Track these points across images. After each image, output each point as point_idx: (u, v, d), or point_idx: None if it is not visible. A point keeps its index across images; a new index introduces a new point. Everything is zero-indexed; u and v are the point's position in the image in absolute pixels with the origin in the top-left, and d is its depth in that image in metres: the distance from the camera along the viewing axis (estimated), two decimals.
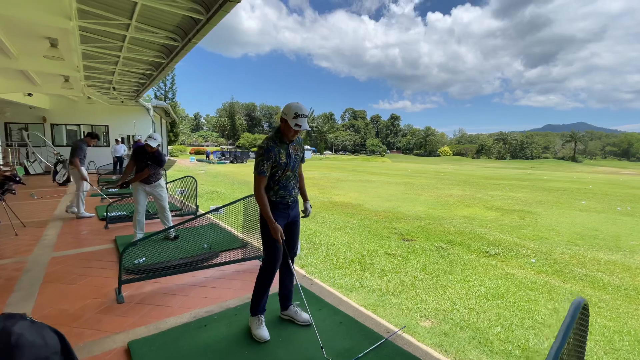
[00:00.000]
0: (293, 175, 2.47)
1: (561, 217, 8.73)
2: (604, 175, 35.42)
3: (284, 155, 2.37)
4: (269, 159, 2.30)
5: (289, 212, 2.49)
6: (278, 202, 2.42)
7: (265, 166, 2.30)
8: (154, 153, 4.59)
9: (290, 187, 2.46)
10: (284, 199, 2.43)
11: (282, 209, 2.44)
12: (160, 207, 4.84)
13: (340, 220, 7.56)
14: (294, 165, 2.45)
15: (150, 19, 6.34)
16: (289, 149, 2.41)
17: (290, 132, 2.32)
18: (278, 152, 2.34)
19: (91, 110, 16.26)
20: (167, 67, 8.85)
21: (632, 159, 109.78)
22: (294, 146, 2.47)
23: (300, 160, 2.55)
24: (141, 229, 4.71)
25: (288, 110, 2.28)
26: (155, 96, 46.79)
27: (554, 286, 4.30)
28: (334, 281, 3.72)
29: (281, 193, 2.42)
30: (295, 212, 2.57)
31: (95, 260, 4.13)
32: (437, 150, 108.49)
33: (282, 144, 2.38)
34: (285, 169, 2.38)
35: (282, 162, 2.35)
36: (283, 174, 2.39)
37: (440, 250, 5.54)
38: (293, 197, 2.50)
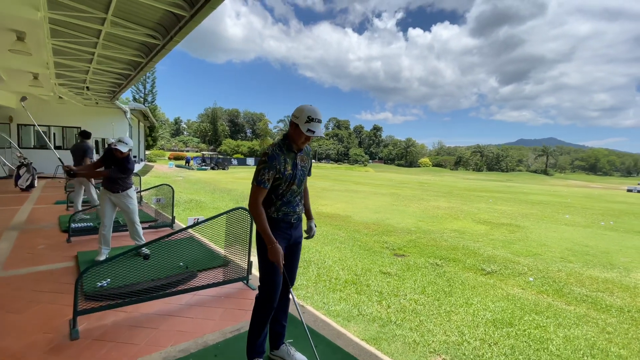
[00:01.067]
0: (298, 190, 2.14)
1: (549, 232, 8.68)
2: (578, 189, 36.84)
3: (290, 165, 2.04)
4: (272, 168, 1.96)
5: (292, 232, 2.15)
6: (280, 219, 2.08)
7: (267, 176, 1.97)
8: (123, 159, 4.06)
9: (294, 204, 2.13)
10: (287, 216, 2.10)
11: (285, 229, 2.11)
12: (129, 221, 4.27)
13: (329, 233, 7.17)
14: (301, 179, 2.12)
15: (128, 14, 5.84)
16: (296, 159, 2.08)
17: (301, 139, 2.01)
18: (284, 162, 2.01)
19: (63, 110, 15.27)
20: (146, 66, 8.29)
21: (599, 173, 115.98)
22: (302, 156, 2.14)
23: (307, 172, 2.22)
24: (106, 244, 4.15)
25: (300, 114, 1.97)
26: (133, 99, 45.29)
27: (558, 309, 4.07)
28: (329, 308, 3.31)
29: (284, 210, 2.08)
30: (299, 233, 2.22)
31: (51, 281, 3.54)
32: (417, 161, 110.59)
33: (290, 153, 2.06)
34: (290, 182, 2.05)
35: (287, 174, 2.02)
36: (288, 188, 2.06)
37: (436, 267, 5.25)
38: (297, 214, 2.17)
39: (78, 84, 10.81)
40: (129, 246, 4.73)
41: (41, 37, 6.31)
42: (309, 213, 2.39)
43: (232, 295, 3.35)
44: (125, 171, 4.04)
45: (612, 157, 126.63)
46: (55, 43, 6.89)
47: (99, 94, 12.54)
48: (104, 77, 9.86)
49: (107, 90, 11.86)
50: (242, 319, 2.86)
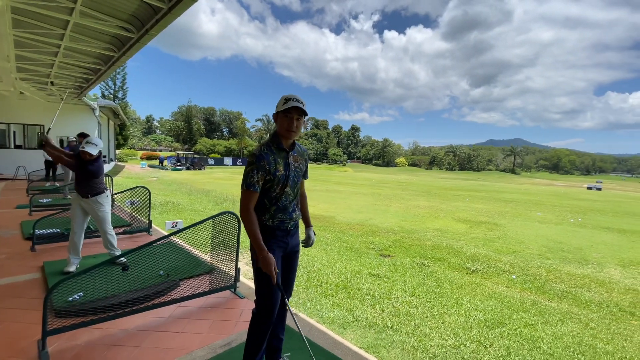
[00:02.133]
0: (294, 194, 1.98)
1: (525, 229, 9.00)
2: (545, 187, 38.80)
3: (282, 165, 1.88)
4: (260, 168, 1.81)
5: (289, 240, 1.99)
6: (276, 227, 1.92)
7: (256, 178, 1.81)
8: (92, 162, 3.73)
9: (290, 209, 1.96)
10: (284, 223, 1.94)
11: (281, 237, 1.94)
12: (100, 230, 3.93)
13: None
14: (295, 180, 1.96)
15: (99, 4, 5.46)
16: (287, 159, 1.92)
17: (285, 124, 1.85)
18: (274, 162, 1.85)
19: (24, 107, 14.21)
20: (118, 61, 7.83)
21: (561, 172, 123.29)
22: (295, 156, 1.98)
23: (302, 174, 2.06)
24: (76, 253, 3.80)
25: (278, 102, 1.88)
26: (102, 95, 43.12)
27: (542, 306, 4.17)
28: (323, 315, 3.19)
29: (280, 216, 1.92)
30: (296, 241, 2.06)
31: (14, 297, 3.20)
32: (394, 160, 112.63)
33: (280, 152, 1.90)
34: (283, 184, 1.89)
35: (279, 175, 1.86)
36: (281, 191, 1.90)
37: (422, 267, 5.26)
38: (294, 221, 2.00)
39: (42, 78, 10.06)
40: (102, 254, 4.40)
41: (2, 27, 5.78)
42: (307, 220, 2.23)
43: (220, 306, 3.16)
44: (89, 174, 3.70)
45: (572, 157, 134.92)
46: (17, 34, 6.35)
47: (65, 89, 11.74)
48: (71, 71, 9.23)
49: (74, 86, 11.13)
50: (233, 331, 2.68)
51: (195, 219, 7.64)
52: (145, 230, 5.73)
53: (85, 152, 3.61)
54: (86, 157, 3.66)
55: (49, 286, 3.40)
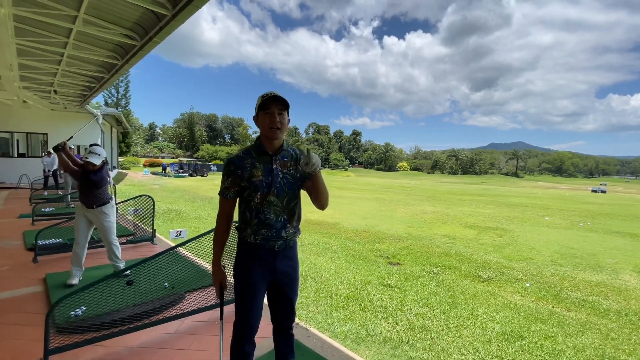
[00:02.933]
0: (282, 205, 1.64)
1: (535, 235, 8.83)
2: (550, 191, 38.50)
3: (261, 170, 1.61)
4: (230, 174, 1.62)
5: (276, 263, 1.67)
6: (259, 246, 1.65)
7: (226, 184, 1.63)
8: (96, 172, 3.64)
9: (278, 224, 1.63)
10: (268, 241, 1.63)
11: (265, 258, 1.66)
12: (105, 241, 3.81)
13: (320, 242, 6.92)
14: (284, 189, 1.64)
15: (103, 12, 5.42)
16: (271, 164, 1.63)
17: (266, 125, 1.59)
18: (250, 166, 1.60)
19: (27, 115, 14.23)
20: (121, 69, 7.79)
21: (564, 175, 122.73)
22: (285, 162, 1.67)
23: (297, 181, 1.69)
24: (79, 266, 3.69)
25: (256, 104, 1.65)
26: (105, 103, 43.37)
27: (560, 316, 4.03)
28: (335, 329, 3.05)
29: (264, 232, 1.62)
30: (288, 267, 1.73)
31: (15, 311, 3.09)
32: (396, 165, 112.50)
33: (262, 156, 1.64)
34: (264, 192, 1.60)
35: (256, 181, 1.59)
36: (262, 200, 1.60)
37: (433, 275, 5.12)
38: (283, 240, 1.66)
39: (45, 87, 10.07)
40: (105, 266, 4.29)
41: (4, 36, 5.74)
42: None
43: (229, 320, 3.02)
44: (87, 182, 3.60)
45: (575, 159, 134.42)
46: (20, 43, 6.33)
47: (68, 98, 11.76)
48: (74, 80, 9.22)
49: (77, 94, 11.13)
50: None
51: (199, 227, 7.54)
52: (149, 240, 5.62)
53: (89, 162, 3.52)
54: (89, 167, 3.57)
55: (51, 300, 3.29)
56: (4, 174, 13.87)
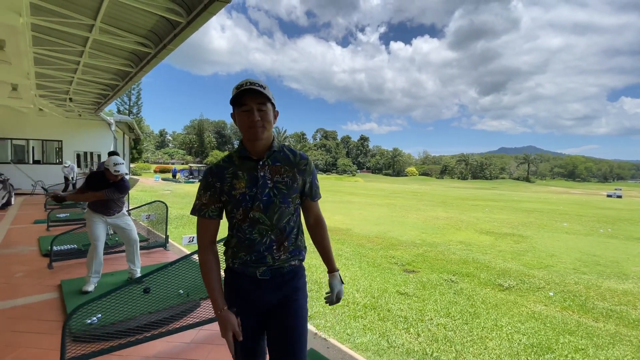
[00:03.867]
0: (270, 222, 1.30)
1: (554, 241, 8.57)
2: (564, 196, 37.70)
3: (245, 180, 1.29)
4: (208, 187, 1.31)
5: (262, 294, 1.32)
6: (238, 272, 1.34)
7: (204, 199, 1.31)
8: (123, 179, 3.67)
9: (261, 246, 1.29)
10: (248, 267, 1.31)
11: (245, 288, 1.33)
12: (130, 241, 3.88)
13: (333, 248, 6.77)
14: (272, 201, 1.29)
15: (119, 20, 5.48)
16: (257, 171, 1.30)
17: (245, 124, 1.26)
18: (231, 176, 1.30)
19: (42, 123, 14.52)
20: (135, 77, 7.88)
21: (578, 180, 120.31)
22: (276, 167, 1.32)
23: (293, 192, 1.34)
24: (97, 273, 3.68)
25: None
26: (118, 110, 44.27)
27: (588, 327, 3.84)
28: (355, 340, 2.94)
29: (243, 256, 1.31)
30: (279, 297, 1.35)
31: (31, 319, 3.06)
32: (404, 170, 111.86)
33: (245, 162, 1.32)
34: (247, 208, 1.28)
35: (237, 194, 1.28)
36: (244, 217, 1.29)
37: (451, 284, 4.96)
38: (269, 266, 1.31)
39: (60, 95, 10.26)
40: (120, 272, 4.27)
41: (22, 45, 5.85)
42: (330, 262, 1.55)
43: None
44: (123, 191, 3.65)
45: (589, 163, 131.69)
46: (37, 51, 6.45)
47: (83, 105, 11.96)
48: (89, 87, 9.37)
49: (92, 102, 11.32)
50: None
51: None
52: (162, 246, 5.61)
53: (119, 174, 3.57)
54: (118, 178, 3.60)
55: (66, 307, 3.27)
56: (20, 181, 14.13)
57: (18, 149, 15.37)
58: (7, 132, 14.27)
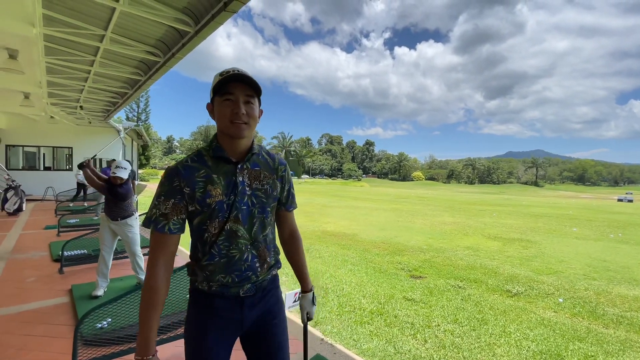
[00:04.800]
0: (250, 235, 1.12)
1: (563, 247, 8.46)
2: (574, 200, 37.15)
3: (221, 186, 1.08)
4: (173, 193, 1.05)
5: (244, 314, 1.14)
6: (213, 295, 1.12)
7: (162, 209, 1.05)
8: (122, 185, 3.72)
9: (242, 264, 1.11)
10: (228, 288, 1.11)
11: (224, 311, 1.12)
12: (129, 252, 3.88)
13: (338, 253, 6.81)
14: (252, 212, 1.12)
15: (129, 30, 5.61)
16: (235, 176, 1.10)
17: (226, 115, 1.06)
18: (203, 180, 1.07)
19: (53, 130, 14.84)
20: (144, 85, 8.03)
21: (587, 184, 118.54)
22: (255, 171, 1.15)
23: (272, 200, 1.19)
24: (105, 277, 3.73)
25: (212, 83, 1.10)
26: (126, 117, 44.95)
27: (598, 333, 3.78)
28: (361, 346, 2.95)
29: (220, 277, 1.09)
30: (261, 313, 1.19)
31: (42, 323, 3.12)
32: (410, 174, 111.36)
33: (219, 164, 1.10)
34: (223, 219, 1.08)
35: (212, 202, 1.06)
36: (219, 230, 1.08)
37: (458, 290, 4.93)
38: (254, 282, 1.14)
39: (71, 103, 10.48)
40: (129, 277, 4.33)
41: (35, 54, 6.03)
42: (304, 280, 1.37)
43: None
44: (116, 195, 3.67)
45: (598, 167, 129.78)
46: (50, 61, 6.62)
47: (93, 113, 12.20)
48: (99, 96, 9.57)
49: (101, 110, 11.54)
50: None
51: None
52: None
53: (116, 177, 3.60)
54: (117, 181, 3.65)
55: (77, 311, 3.32)
56: (31, 187, 14.41)
57: (29, 155, 15.71)
58: (19, 139, 14.61)
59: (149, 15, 4.71)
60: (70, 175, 13.96)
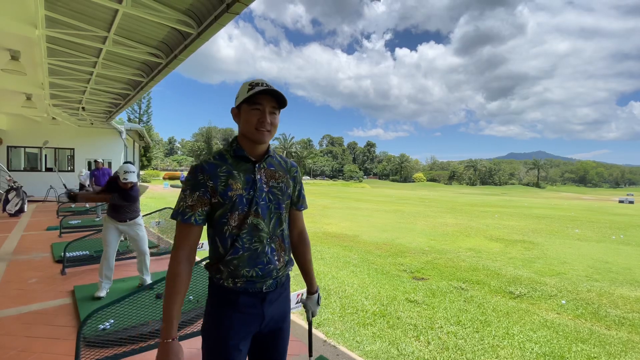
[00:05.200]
0: (269, 229, 1.21)
1: (565, 248, 8.43)
2: (575, 202, 37.07)
3: (241, 182, 1.17)
4: (198, 186, 1.14)
5: (264, 310, 1.21)
6: (236, 291, 1.18)
7: (189, 201, 1.13)
8: (133, 187, 3.74)
9: (264, 256, 1.19)
10: (253, 283, 1.18)
11: (248, 306, 1.19)
12: (139, 251, 3.93)
13: (340, 255, 6.80)
14: (269, 206, 1.22)
15: (131, 32, 5.63)
16: (254, 173, 1.20)
17: (252, 123, 1.17)
18: (225, 175, 1.16)
19: (55, 131, 14.87)
20: (146, 86, 8.04)
21: (589, 185, 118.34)
22: (271, 171, 1.25)
23: (286, 198, 1.29)
24: (108, 278, 3.74)
25: (239, 92, 1.22)
26: (128, 119, 45.04)
27: (601, 335, 3.77)
28: (364, 348, 2.93)
29: (244, 271, 1.16)
30: (280, 310, 1.28)
31: (45, 324, 3.12)
32: (411, 176, 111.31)
33: (240, 163, 1.20)
34: (244, 212, 1.17)
35: (233, 196, 1.15)
36: (241, 223, 1.17)
37: (461, 291, 4.91)
38: (275, 277, 1.23)
39: (73, 104, 10.51)
40: (131, 278, 4.33)
41: (37, 56, 6.06)
42: (310, 281, 1.46)
43: None
44: (128, 198, 3.70)
45: (600, 169, 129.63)
46: (52, 62, 6.64)
47: (95, 114, 12.23)
48: (101, 97, 9.59)
49: (103, 111, 11.57)
50: None
51: None
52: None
53: (127, 182, 3.62)
54: (128, 186, 3.67)
55: (79, 312, 3.32)
56: (33, 188, 14.44)
57: (31, 157, 15.74)
58: (21, 140, 14.65)
59: (151, 17, 4.72)
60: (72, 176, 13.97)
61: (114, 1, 4.35)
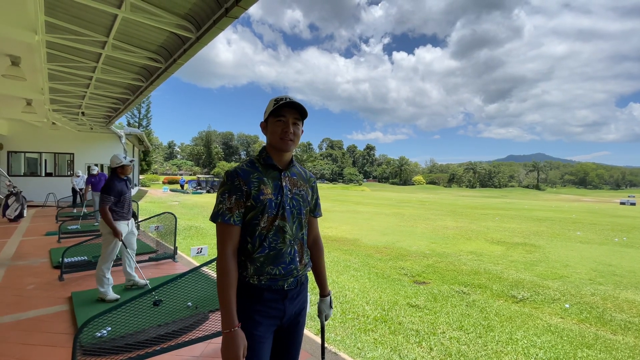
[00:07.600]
0: (293, 232, 1.34)
1: (568, 251, 8.38)
2: (576, 204, 37.01)
3: (270, 187, 1.31)
4: (234, 190, 1.26)
5: (286, 306, 1.33)
6: (262, 288, 1.29)
7: (228, 204, 1.26)
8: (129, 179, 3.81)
9: (288, 257, 1.32)
10: (276, 281, 1.29)
11: (272, 302, 1.30)
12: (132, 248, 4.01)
13: (341, 259, 6.75)
14: (293, 211, 1.34)
15: (130, 37, 5.63)
16: (280, 180, 1.35)
17: (277, 133, 1.32)
18: (257, 181, 1.29)
19: (55, 136, 14.86)
20: (145, 90, 8.04)
21: (589, 187, 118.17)
22: (294, 179, 1.40)
23: (307, 204, 1.42)
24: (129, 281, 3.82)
25: (267, 108, 1.38)
26: (128, 123, 45.11)
27: (606, 340, 3.71)
28: (366, 355, 2.88)
29: (269, 269, 1.28)
30: (298, 305, 1.39)
31: (42, 331, 3.07)
32: (411, 179, 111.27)
33: (269, 170, 1.35)
34: (273, 215, 1.29)
35: (264, 199, 1.28)
36: (269, 225, 1.29)
37: (463, 295, 4.86)
38: (296, 276, 1.34)
39: (73, 109, 10.50)
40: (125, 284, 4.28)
41: (37, 61, 6.04)
42: (323, 285, 1.56)
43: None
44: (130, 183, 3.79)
45: (600, 170, 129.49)
46: (52, 68, 6.63)
47: (95, 119, 12.22)
48: (100, 102, 9.59)
49: (103, 116, 11.56)
50: None
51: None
52: (170, 257, 5.61)
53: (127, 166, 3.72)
54: (128, 171, 3.73)
55: (77, 319, 3.28)
56: (32, 193, 14.41)
57: (31, 162, 15.72)
58: (21, 145, 14.63)
59: (150, 22, 4.72)
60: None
61: (113, 6, 4.35)
